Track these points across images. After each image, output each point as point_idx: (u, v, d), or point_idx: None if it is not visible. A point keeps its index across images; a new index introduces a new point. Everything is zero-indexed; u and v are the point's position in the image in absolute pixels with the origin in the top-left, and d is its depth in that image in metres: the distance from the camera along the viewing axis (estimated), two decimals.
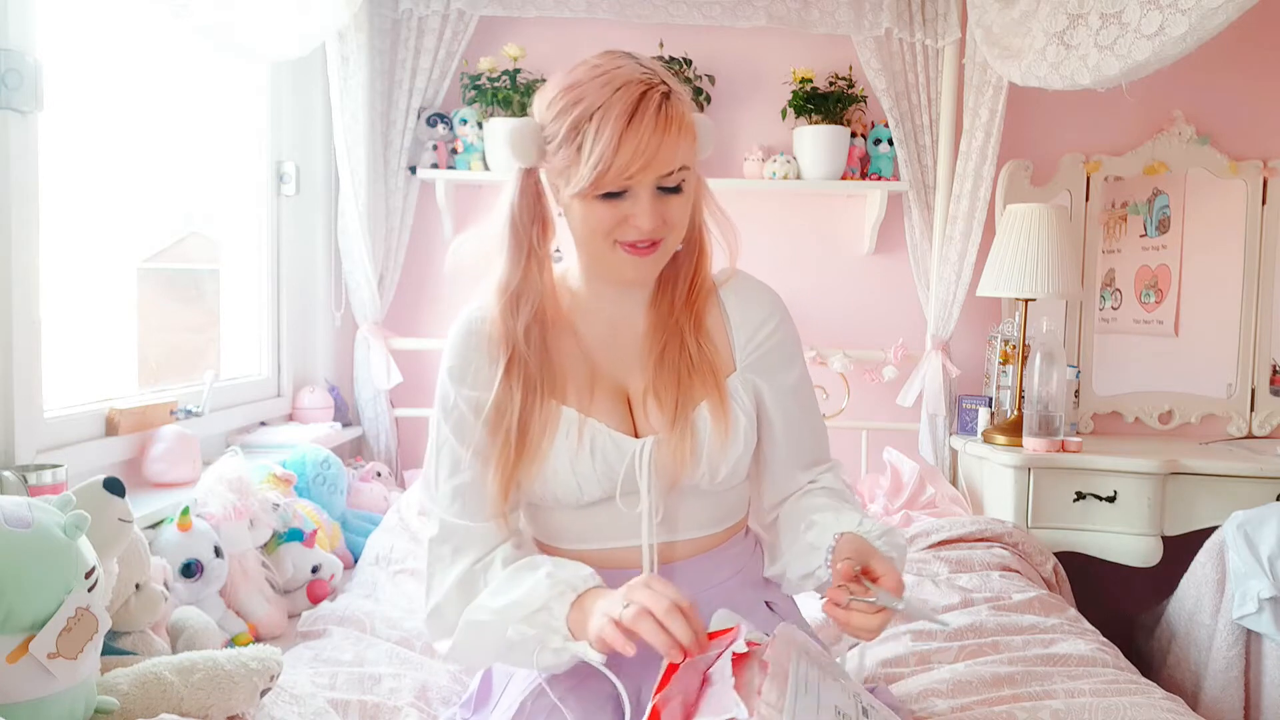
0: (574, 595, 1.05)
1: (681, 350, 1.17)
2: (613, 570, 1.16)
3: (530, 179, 1.13)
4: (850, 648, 1.62)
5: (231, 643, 1.53)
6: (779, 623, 1.17)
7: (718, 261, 1.23)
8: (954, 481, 2.72)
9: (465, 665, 1.18)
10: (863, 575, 1.02)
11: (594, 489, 1.13)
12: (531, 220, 1.14)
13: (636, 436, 1.15)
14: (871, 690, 1.28)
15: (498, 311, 1.15)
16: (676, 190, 1.08)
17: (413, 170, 2.64)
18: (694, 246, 1.19)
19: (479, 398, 1.13)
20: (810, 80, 2.61)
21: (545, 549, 1.21)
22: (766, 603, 1.23)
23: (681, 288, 1.19)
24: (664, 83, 1.05)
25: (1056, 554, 2.25)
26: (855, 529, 1.10)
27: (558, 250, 1.18)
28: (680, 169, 1.06)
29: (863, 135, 2.71)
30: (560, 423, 1.13)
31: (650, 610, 0.93)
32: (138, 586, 1.30)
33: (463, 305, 1.25)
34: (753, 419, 1.19)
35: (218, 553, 1.55)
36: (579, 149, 1.04)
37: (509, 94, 2.54)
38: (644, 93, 1.03)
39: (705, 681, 0.93)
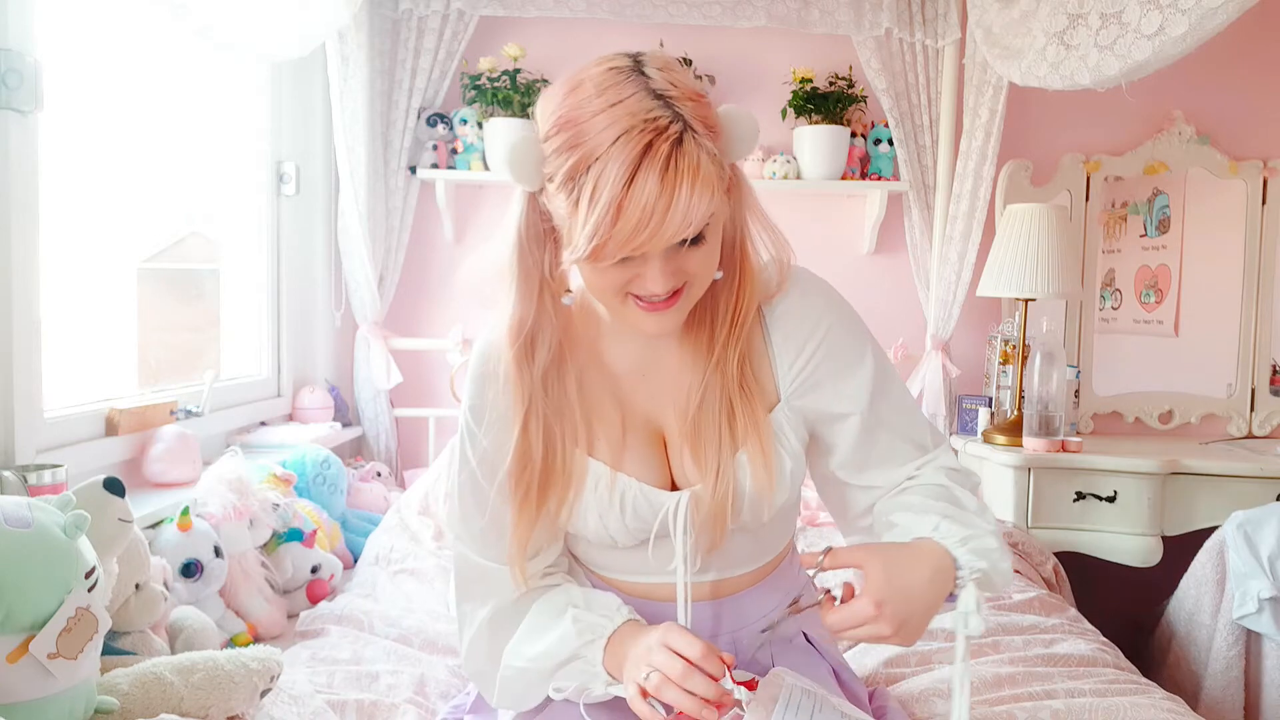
0: (604, 640, 1.01)
1: (722, 395, 1.04)
2: (653, 602, 1.12)
3: (533, 201, 0.98)
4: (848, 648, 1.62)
5: (231, 643, 1.53)
6: (811, 654, 1.16)
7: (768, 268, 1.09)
8: None
9: (515, 709, 1.12)
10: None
11: (626, 539, 1.07)
12: (541, 245, 0.99)
13: (672, 482, 1.08)
14: (871, 693, 1.28)
15: (511, 359, 1.02)
16: (696, 241, 0.92)
17: (413, 170, 2.64)
18: (734, 273, 1.03)
19: (499, 439, 1.05)
20: (810, 80, 2.61)
21: (586, 570, 1.17)
22: (804, 634, 1.19)
23: (722, 319, 1.04)
24: (673, 114, 0.87)
25: (1056, 554, 2.26)
26: (931, 534, 0.98)
27: (571, 293, 1.05)
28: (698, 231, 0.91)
29: (863, 135, 2.71)
30: (589, 476, 1.05)
31: (669, 678, 0.91)
32: (138, 586, 1.30)
33: (461, 308, 1.19)
34: (800, 456, 1.09)
35: (218, 553, 1.55)
36: (576, 203, 0.88)
37: (509, 94, 2.54)
38: (648, 145, 0.85)
39: None
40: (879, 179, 2.70)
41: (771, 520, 1.10)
